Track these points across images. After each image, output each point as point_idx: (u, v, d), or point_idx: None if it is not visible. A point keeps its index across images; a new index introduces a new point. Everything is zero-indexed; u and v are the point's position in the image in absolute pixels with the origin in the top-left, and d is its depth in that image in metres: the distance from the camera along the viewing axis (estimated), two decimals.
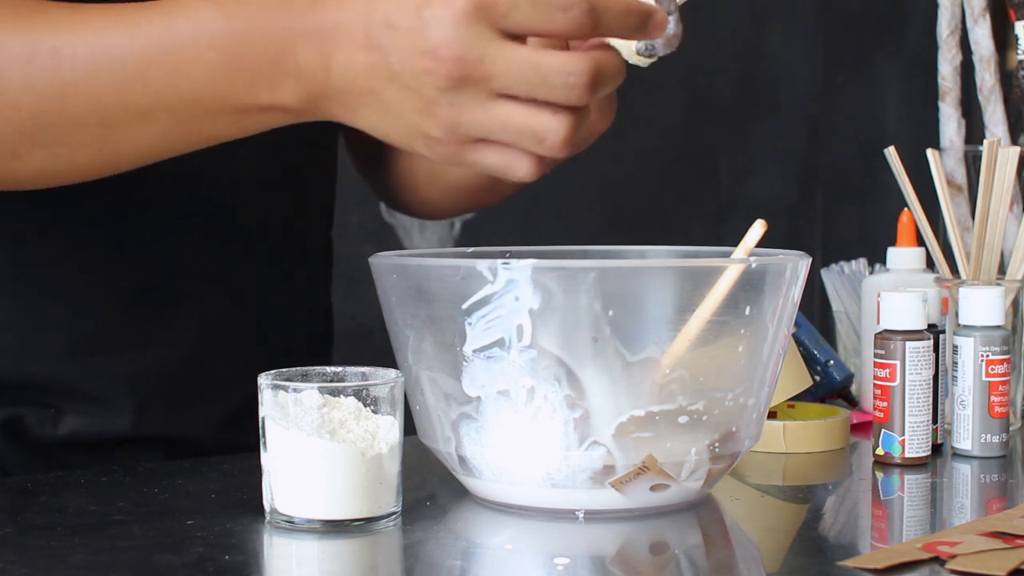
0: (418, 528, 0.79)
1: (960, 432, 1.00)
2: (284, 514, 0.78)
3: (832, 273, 1.34)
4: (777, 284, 0.81)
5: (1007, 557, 0.71)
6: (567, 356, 0.77)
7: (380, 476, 0.78)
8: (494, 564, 0.75)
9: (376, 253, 0.86)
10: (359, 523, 0.77)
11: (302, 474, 0.77)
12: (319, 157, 1.09)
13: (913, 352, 0.96)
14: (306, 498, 0.77)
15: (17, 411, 0.95)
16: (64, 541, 0.75)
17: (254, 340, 1.02)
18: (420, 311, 0.81)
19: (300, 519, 0.77)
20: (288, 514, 0.78)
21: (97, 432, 0.96)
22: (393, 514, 0.79)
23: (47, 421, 0.95)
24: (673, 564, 0.76)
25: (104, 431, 0.96)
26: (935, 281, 1.09)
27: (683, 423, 0.79)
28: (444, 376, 0.80)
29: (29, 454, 0.95)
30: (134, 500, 0.84)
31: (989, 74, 1.20)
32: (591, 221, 2.47)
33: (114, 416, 0.96)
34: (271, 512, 0.79)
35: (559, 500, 0.80)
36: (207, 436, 1.00)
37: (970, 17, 1.20)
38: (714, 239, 2.70)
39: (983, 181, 1.08)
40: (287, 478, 0.78)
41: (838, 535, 0.84)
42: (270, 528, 0.78)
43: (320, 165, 1.09)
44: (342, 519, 0.77)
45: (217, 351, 1.00)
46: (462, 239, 2.47)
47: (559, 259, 0.86)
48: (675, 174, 2.60)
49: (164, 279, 0.97)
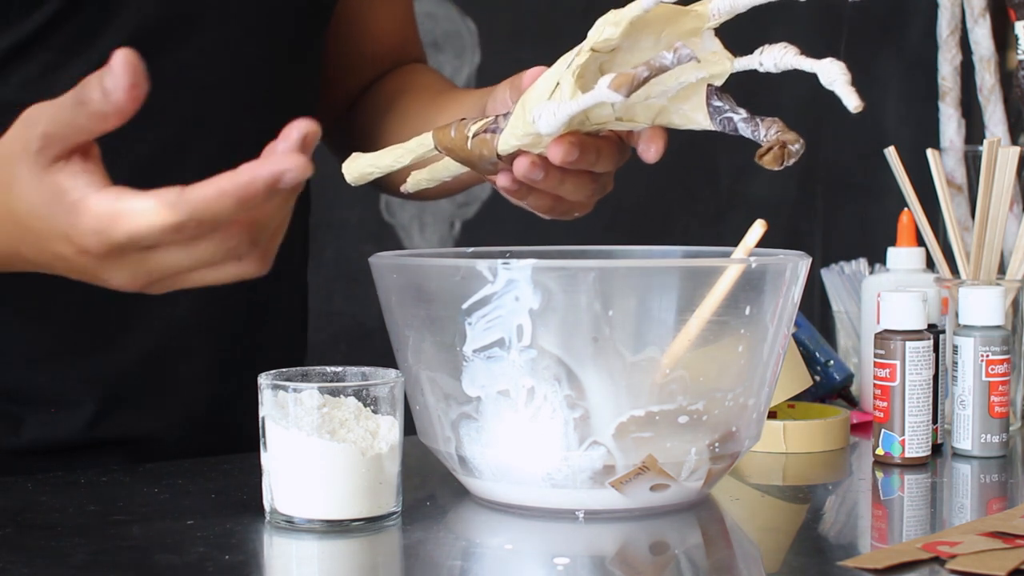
0: (418, 528, 0.79)
1: (960, 432, 1.00)
2: (284, 514, 0.78)
3: (832, 273, 1.34)
4: (777, 284, 0.81)
5: (1007, 557, 0.71)
6: (567, 356, 0.77)
7: (380, 476, 0.78)
8: (494, 564, 0.75)
9: (376, 253, 0.86)
10: (359, 523, 0.77)
11: (302, 474, 0.77)
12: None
13: (913, 352, 0.96)
14: (306, 498, 0.77)
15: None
16: (64, 541, 0.75)
17: (218, 340, 1.02)
18: (420, 311, 0.81)
19: (300, 519, 0.77)
20: (288, 514, 0.78)
21: (59, 436, 0.96)
22: (393, 514, 0.79)
23: (9, 428, 0.95)
24: (673, 564, 0.76)
25: (65, 435, 0.96)
26: (935, 281, 1.09)
27: (683, 423, 0.79)
28: (444, 376, 0.80)
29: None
30: (134, 500, 0.84)
31: (989, 74, 1.20)
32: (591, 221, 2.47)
33: (75, 419, 0.96)
34: (271, 512, 0.79)
35: (559, 500, 0.80)
36: (170, 436, 0.99)
37: (970, 17, 1.20)
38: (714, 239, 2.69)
39: (983, 181, 1.08)
40: (287, 478, 0.78)
41: (838, 535, 0.84)
42: (270, 528, 0.78)
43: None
44: (342, 519, 0.77)
45: (179, 351, 0.99)
46: (462, 239, 2.47)
47: (559, 259, 0.86)
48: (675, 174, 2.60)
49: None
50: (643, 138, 0.82)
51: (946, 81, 1.21)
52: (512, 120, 0.80)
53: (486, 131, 0.82)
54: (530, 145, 0.80)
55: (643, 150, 0.82)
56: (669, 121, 0.81)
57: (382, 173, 0.89)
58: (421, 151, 0.86)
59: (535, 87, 0.80)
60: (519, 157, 0.81)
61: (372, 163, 0.88)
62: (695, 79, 0.78)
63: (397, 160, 0.87)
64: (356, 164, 0.89)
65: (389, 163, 0.88)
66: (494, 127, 0.82)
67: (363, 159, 0.89)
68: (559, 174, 0.82)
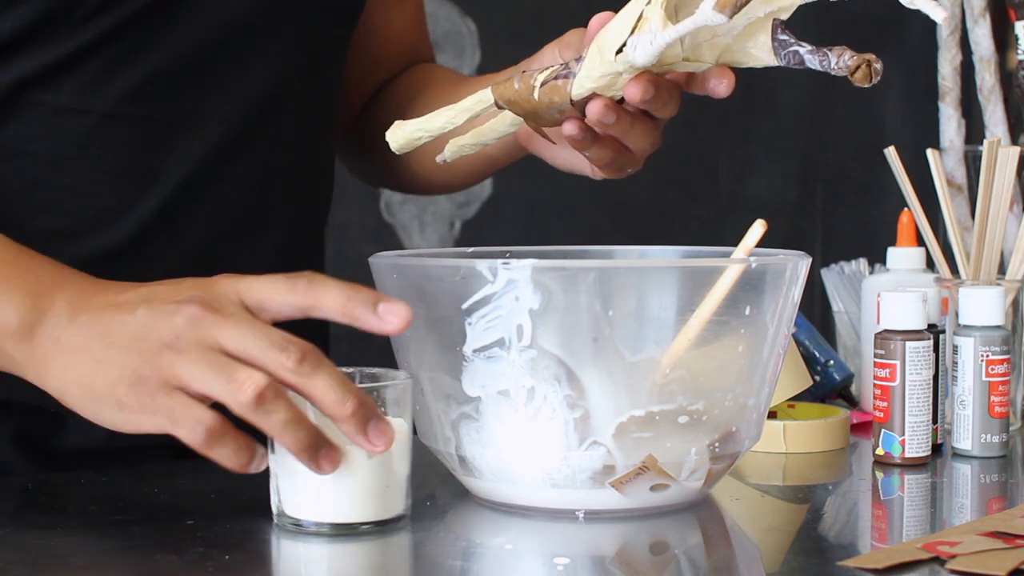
0: (419, 528, 0.79)
1: (960, 432, 1.00)
2: (292, 517, 0.77)
3: (832, 273, 1.34)
4: (777, 284, 0.81)
5: (1007, 557, 0.71)
6: (567, 356, 0.77)
7: (389, 478, 0.77)
8: (494, 564, 0.75)
9: (376, 253, 0.86)
10: (368, 526, 0.77)
11: (311, 476, 0.76)
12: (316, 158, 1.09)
13: (913, 352, 0.96)
14: (315, 501, 0.76)
15: (26, 423, 0.95)
16: (64, 541, 0.75)
17: None
18: (420, 311, 0.81)
19: (308, 522, 0.77)
20: (296, 517, 0.77)
21: (105, 440, 0.96)
22: (402, 517, 0.79)
23: (56, 432, 0.96)
24: (673, 564, 0.76)
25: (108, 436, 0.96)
26: (935, 281, 1.09)
27: (683, 423, 0.79)
28: (444, 376, 0.80)
29: (39, 465, 0.95)
30: (134, 500, 0.84)
31: (989, 74, 1.20)
32: (591, 221, 2.47)
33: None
34: (279, 515, 0.78)
35: (559, 500, 0.80)
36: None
37: (970, 17, 1.20)
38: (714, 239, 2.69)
39: (983, 181, 1.08)
40: (295, 481, 0.77)
41: (838, 535, 0.84)
42: (277, 530, 0.78)
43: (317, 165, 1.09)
44: (351, 522, 0.77)
45: None
46: (462, 239, 2.47)
47: (559, 259, 0.86)
48: (675, 174, 2.60)
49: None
50: (713, 75, 0.82)
51: (946, 81, 1.21)
52: (587, 63, 0.80)
53: (556, 78, 0.82)
54: (605, 87, 0.81)
55: (714, 86, 0.82)
56: (733, 59, 0.81)
57: (431, 137, 0.88)
58: (478, 108, 0.85)
59: (609, 29, 0.80)
60: (592, 101, 0.82)
61: (421, 127, 0.87)
62: (763, 14, 0.78)
63: (450, 121, 0.86)
64: (402, 131, 0.88)
65: (441, 125, 0.87)
66: (566, 73, 0.82)
67: (409, 125, 0.88)
68: (630, 118, 0.84)
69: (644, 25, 0.77)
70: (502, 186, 2.43)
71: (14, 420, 0.95)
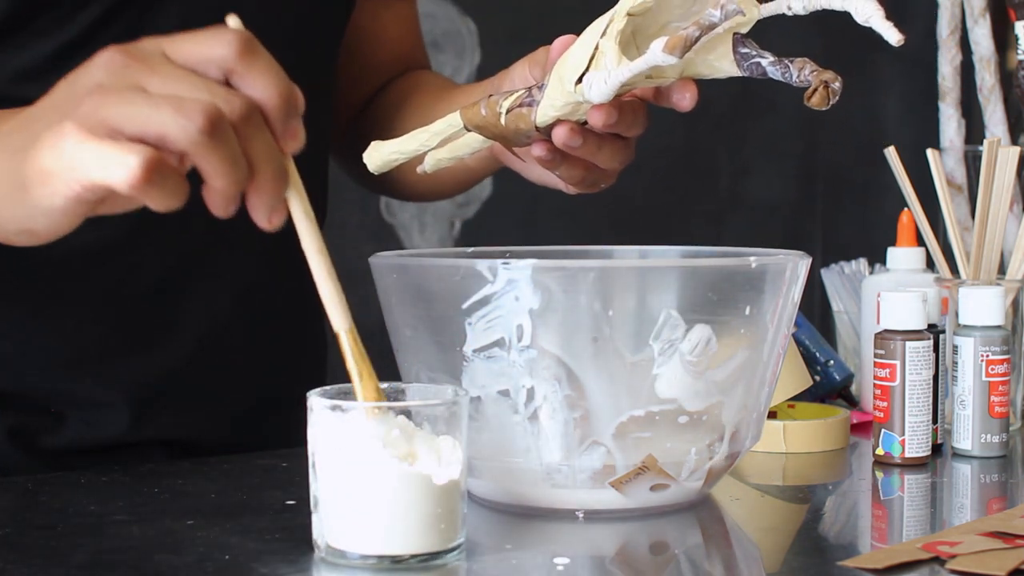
0: None
1: (960, 432, 1.00)
2: (337, 549, 0.70)
3: (832, 273, 1.34)
4: (777, 284, 0.81)
5: (1007, 557, 0.71)
6: (567, 356, 0.77)
7: (449, 504, 0.70)
8: (494, 564, 0.75)
9: (376, 253, 0.86)
10: (422, 558, 0.70)
11: (363, 504, 0.69)
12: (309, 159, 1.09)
13: (913, 352, 0.96)
14: (365, 531, 0.69)
15: (21, 419, 0.95)
16: (64, 541, 0.75)
17: (256, 340, 1.02)
18: (420, 311, 0.81)
19: (354, 554, 0.69)
20: (341, 549, 0.70)
21: (99, 437, 0.96)
22: (458, 547, 0.72)
23: (50, 428, 0.96)
24: (673, 564, 0.76)
25: (105, 436, 0.97)
26: (935, 281, 1.09)
27: (683, 423, 0.79)
28: (444, 376, 0.80)
29: (33, 461, 0.96)
30: (134, 500, 0.84)
31: (989, 74, 1.20)
32: (591, 221, 2.47)
33: (115, 421, 0.96)
34: (325, 549, 0.71)
35: (559, 500, 0.80)
36: (209, 438, 1.00)
37: (970, 17, 1.20)
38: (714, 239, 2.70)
39: (983, 181, 1.08)
40: (342, 509, 0.69)
41: (838, 535, 0.84)
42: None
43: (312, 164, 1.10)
44: (404, 555, 0.69)
45: (219, 352, 1.00)
46: (462, 239, 2.47)
47: (559, 259, 0.86)
48: (675, 174, 2.60)
49: (167, 283, 0.97)
50: (675, 89, 0.82)
51: (946, 81, 1.21)
52: (548, 91, 0.81)
53: (521, 105, 0.82)
54: (569, 114, 0.81)
55: (678, 100, 0.82)
56: (696, 72, 0.81)
57: (407, 158, 0.88)
58: (448, 132, 0.86)
59: (569, 56, 0.80)
60: (558, 126, 0.82)
61: (397, 149, 0.88)
62: (722, 29, 0.78)
63: (423, 144, 0.87)
64: (379, 152, 0.89)
65: (415, 148, 0.87)
66: (529, 100, 0.82)
67: (386, 146, 0.89)
68: (597, 140, 0.84)
69: (600, 59, 0.78)
70: (502, 186, 2.43)
71: (10, 417, 0.95)
